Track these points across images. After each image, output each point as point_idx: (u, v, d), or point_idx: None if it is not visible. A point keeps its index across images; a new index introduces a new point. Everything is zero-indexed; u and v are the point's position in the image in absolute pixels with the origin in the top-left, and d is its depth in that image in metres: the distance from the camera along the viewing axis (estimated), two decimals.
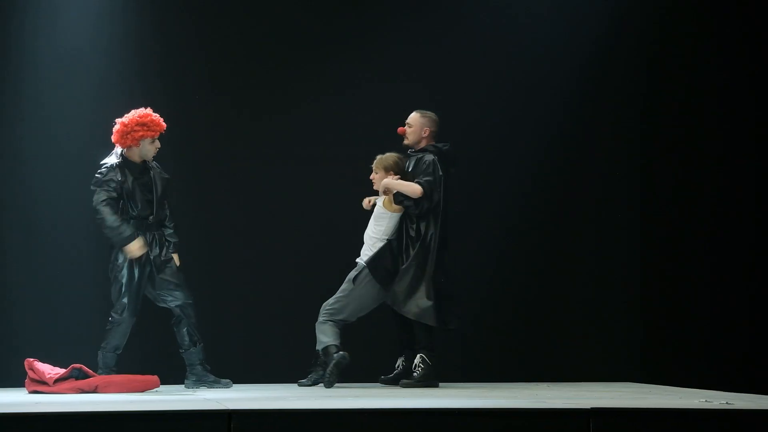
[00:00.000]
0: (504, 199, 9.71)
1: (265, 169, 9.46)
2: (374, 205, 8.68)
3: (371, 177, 8.63)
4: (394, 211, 8.53)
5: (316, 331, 8.36)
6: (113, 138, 8.37)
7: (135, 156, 8.38)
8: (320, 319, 8.39)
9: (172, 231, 8.46)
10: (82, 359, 8.16)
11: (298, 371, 8.79)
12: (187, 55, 9.49)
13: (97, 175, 8.32)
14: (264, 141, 9.49)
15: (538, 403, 6.26)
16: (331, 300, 8.45)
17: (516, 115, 9.77)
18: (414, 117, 8.74)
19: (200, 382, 8.34)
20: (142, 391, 7.96)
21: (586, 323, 9.69)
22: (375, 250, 8.52)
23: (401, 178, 8.54)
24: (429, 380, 8.38)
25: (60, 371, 7.98)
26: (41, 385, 7.92)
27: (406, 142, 8.74)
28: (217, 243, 9.34)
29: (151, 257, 8.28)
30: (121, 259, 8.27)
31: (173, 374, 8.52)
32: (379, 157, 8.63)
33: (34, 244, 9.17)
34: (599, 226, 9.82)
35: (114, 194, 8.26)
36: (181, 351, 8.40)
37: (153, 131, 8.32)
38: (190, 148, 9.32)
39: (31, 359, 8.05)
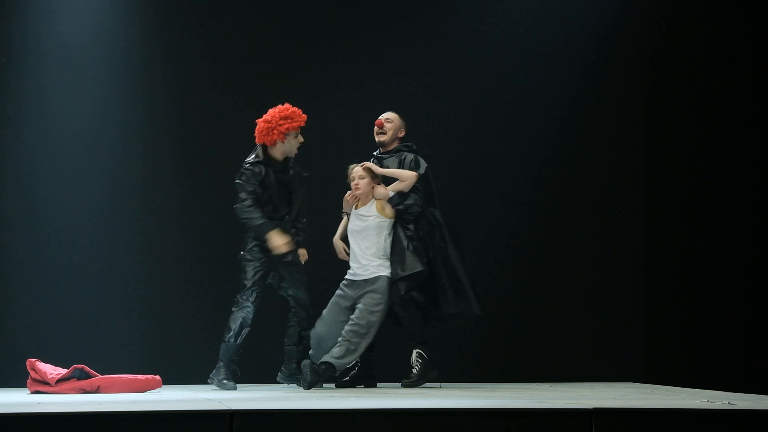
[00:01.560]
0: (507, 199, 9.71)
1: None
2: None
3: (355, 183, 8.38)
4: (389, 217, 8.37)
5: (347, 346, 8.17)
6: (257, 139, 8.37)
7: (278, 153, 8.38)
8: (353, 339, 8.18)
9: (303, 225, 8.49)
10: (84, 359, 8.17)
11: (299, 371, 8.79)
12: (189, 54, 9.50)
13: (240, 175, 8.30)
14: None
15: (540, 403, 6.26)
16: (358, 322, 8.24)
17: (518, 116, 9.78)
18: (394, 115, 8.65)
19: (292, 378, 8.45)
20: (144, 391, 7.97)
21: (588, 323, 9.69)
22: (378, 269, 8.32)
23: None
24: (428, 374, 8.35)
25: (62, 371, 7.98)
26: (43, 385, 7.92)
27: (381, 138, 8.60)
28: (219, 243, 9.33)
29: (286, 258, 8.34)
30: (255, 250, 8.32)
31: (174, 374, 8.52)
32: (356, 166, 8.47)
33: (37, 245, 9.18)
34: (602, 226, 9.82)
35: (258, 189, 8.27)
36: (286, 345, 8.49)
37: (297, 122, 8.35)
38: (192, 146, 9.33)
39: (33, 359, 8.05)
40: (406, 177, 8.35)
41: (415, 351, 8.41)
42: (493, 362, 9.47)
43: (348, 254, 8.50)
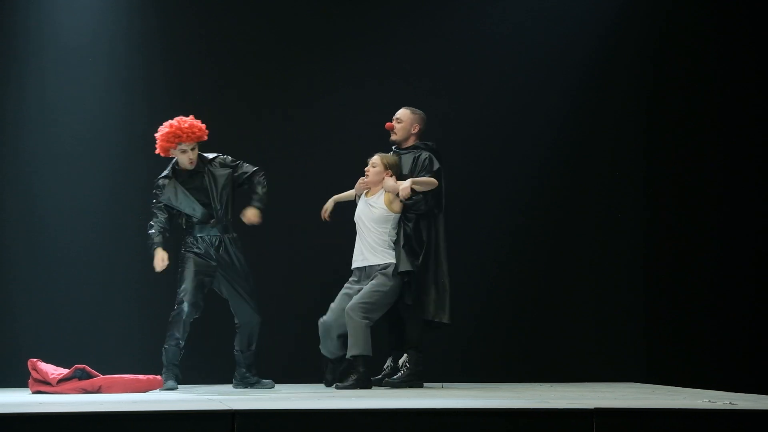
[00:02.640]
0: (507, 199, 9.71)
1: (267, 169, 9.46)
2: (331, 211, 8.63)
3: (367, 169, 8.51)
4: (396, 211, 8.47)
5: (355, 329, 8.16)
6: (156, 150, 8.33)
7: (185, 164, 8.31)
8: (359, 314, 8.18)
9: (261, 180, 8.36)
10: (85, 360, 8.17)
11: (300, 371, 8.80)
12: (189, 54, 9.50)
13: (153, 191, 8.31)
14: (266, 140, 9.50)
15: (542, 403, 6.26)
16: (365, 298, 8.26)
17: (518, 116, 9.78)
18: (404, 112, 8.68)
19: (242, 383, 8.38)
20: (146, 391, 7.97)
21: (589, 323, 9.69)
22: (387, 257, 8.38)
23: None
24: (413, 380, 8.35)
25: (63, 371, 7.98)
26: (44, 385, 7.92)
27: (393, 138, 8.65)
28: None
29: (214, 261, 8.27)
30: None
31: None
32: (380, 154, 8.58)
33: (38, 245, 9.18)
34: (602, 226, 9.82)
35: (160, 205, 8.24)
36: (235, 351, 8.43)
37: (174, 141, 8.21)
38: None
39: (35, 359, 8.05)
40: (429, 186, 8.41)
41: (405, 354, 8.40)
42: (493, 362, 9.47)
43: (326, 218, 8.64)
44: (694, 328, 9.67)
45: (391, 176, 8.46)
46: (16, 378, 8.42)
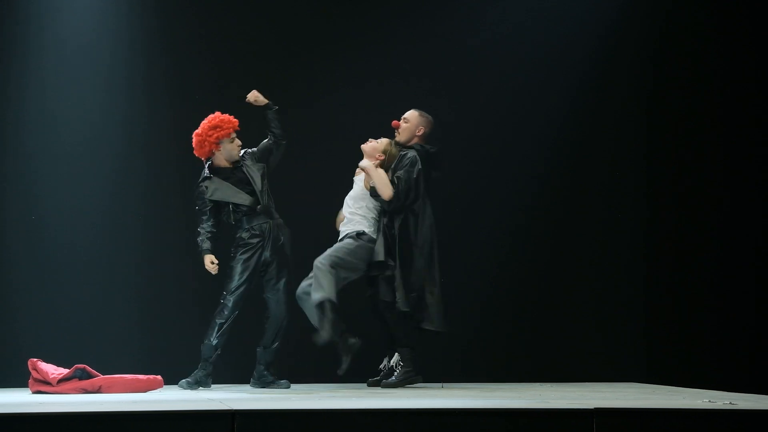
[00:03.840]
0: (508, 199, 9.71)
1: (268, 168, 9.46)
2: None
3: (371, 140, 8.62)
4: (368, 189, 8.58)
5: (320, 275, 8.25)
6: (196, 153, 8.49)
7: (221, 162, 8.50)
8: (325, 263, 8.28)
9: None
10: (85, 359, 8.17)
11: (301, 371, 8.80)
12: (189, 54, 9.50)
13: (196, 192, 8.48)
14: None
15: (542, 403, 6.26)
16: (330, 252, 8.38)
17: (518, 116, 9.78)
18: (412, 114, 8.70)
19: (259, 383, 8.47)
20: (146, 391, 7.97)
21: (589, 323, 9.69)
22: (357, 225, 8.48)
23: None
24: (410, 377, 8.35)
25: (63, 371, 7.98)
26: (45, 385, 7.92)
27: (397, 138, 8.68)
28: (219, 243, 9.33)
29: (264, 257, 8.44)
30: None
31: (176, 374, 8.51)
32: (391, 141, 8.64)
33: (38, 245, 9.18)
34: (603, 226, 9.82)
35: (206, 208, 8.43)
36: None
37: (227, 129, 8.43)
38: (192, 146, 9.31)
39: (35, 359, 8.05)
40: (381, 192, 8.43)
41: (397, 353, 8.40)
42: (493, 362, 9.47)
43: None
44: (694, 328, 9.67)
45: (379, 162, 8.51)
46: (16, 378, 8.42)
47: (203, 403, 6.38)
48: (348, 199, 8.65)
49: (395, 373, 8.40)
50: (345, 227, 8.58)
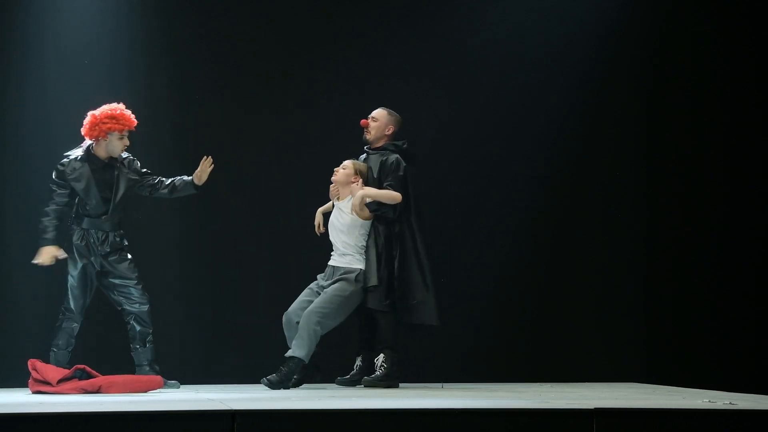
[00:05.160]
0: (508, 199, 9.71)
1: (267, 168, 9.47)
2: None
3: (336, 170, 8.50)
4: (364, 218, 8.41)
5: (304, 333, 8.14)
6: (82, 130, 8.33)
7: (101, 151, 8.32)
8: (313, 320, 8.16)
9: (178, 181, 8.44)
10: (85, 360, 8.16)
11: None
12: (189, 54, 9.50)
13: (57, 166, 8.28)
14: (266, 140, 9.50)
15: (542, 404, 6.26)
16: (323, 304, 8.26)
17: (518, 116, 9.78)
18: (381, 112, 8.67)
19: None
20: (146, 391, 7.96)
21: (590, 323, 9.69)
22: (353, 261, 8.38)
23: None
24: (389, 380, 8.30)
25: (63, 371, 7.97)
26: (44, 385, 7.91)
27: (367, 136, 8.64)
28: (219, 242, 9.33)
29: (92, 259, 8.28)
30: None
31: (175, 374, 8.51)
32: (352, 160, 8.55)
33: (37, 245, 9.15)
34: (603, 226, 9.82)
35: (65, 191, 8.23)
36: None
37: (121, 125, 8.26)
38: (192, 146, 9.32)
39: (35, 359, 8.04)
40: (391, 201, 8.36)
41: (381, 354, 8.37)
42: (493, 362, 9.47)
43: (322, 230, 8.63)
44: (694, 328, 9.67)
45: (357, 182, 8.43)
46: (16, 378, 8.41)
47: (203, 403, 6.38)
48: (337, 224, 8.45)
49: (376, 373, 8.34)
50: (340, 260, 8.41)
